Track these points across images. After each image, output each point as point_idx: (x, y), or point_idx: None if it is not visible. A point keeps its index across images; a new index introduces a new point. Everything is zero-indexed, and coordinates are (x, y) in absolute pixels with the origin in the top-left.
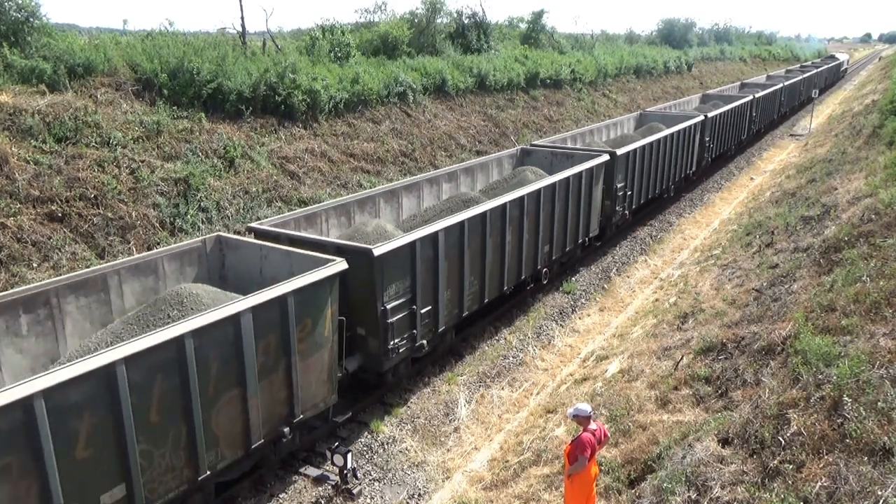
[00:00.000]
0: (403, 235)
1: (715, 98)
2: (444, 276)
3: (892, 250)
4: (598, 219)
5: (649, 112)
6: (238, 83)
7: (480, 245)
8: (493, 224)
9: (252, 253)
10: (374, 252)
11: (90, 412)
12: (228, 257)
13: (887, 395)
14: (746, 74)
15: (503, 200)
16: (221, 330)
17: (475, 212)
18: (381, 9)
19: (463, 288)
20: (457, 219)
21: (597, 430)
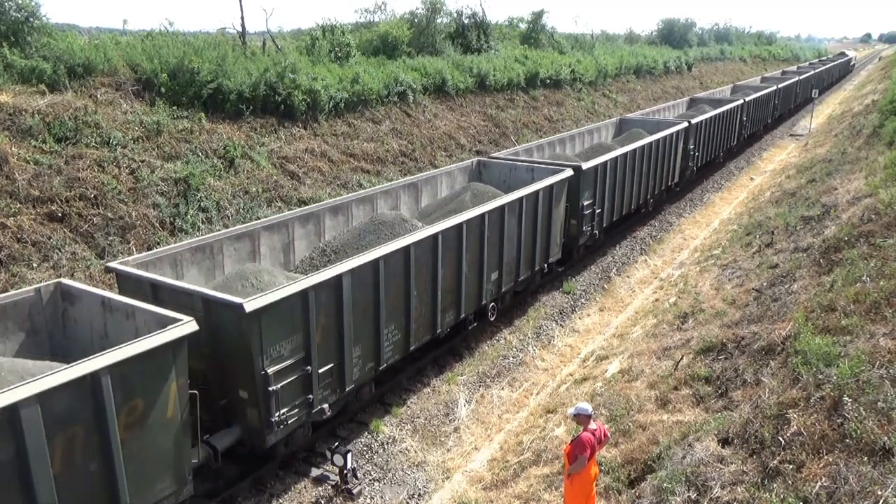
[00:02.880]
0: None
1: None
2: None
3: (892, 250)
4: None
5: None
6: (238, 83)
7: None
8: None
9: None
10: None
11: None
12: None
13: (887, 395)
14: (746, 74)
15: (636, 145)
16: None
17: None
18: (381, 9)
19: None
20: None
21: (597, 429)
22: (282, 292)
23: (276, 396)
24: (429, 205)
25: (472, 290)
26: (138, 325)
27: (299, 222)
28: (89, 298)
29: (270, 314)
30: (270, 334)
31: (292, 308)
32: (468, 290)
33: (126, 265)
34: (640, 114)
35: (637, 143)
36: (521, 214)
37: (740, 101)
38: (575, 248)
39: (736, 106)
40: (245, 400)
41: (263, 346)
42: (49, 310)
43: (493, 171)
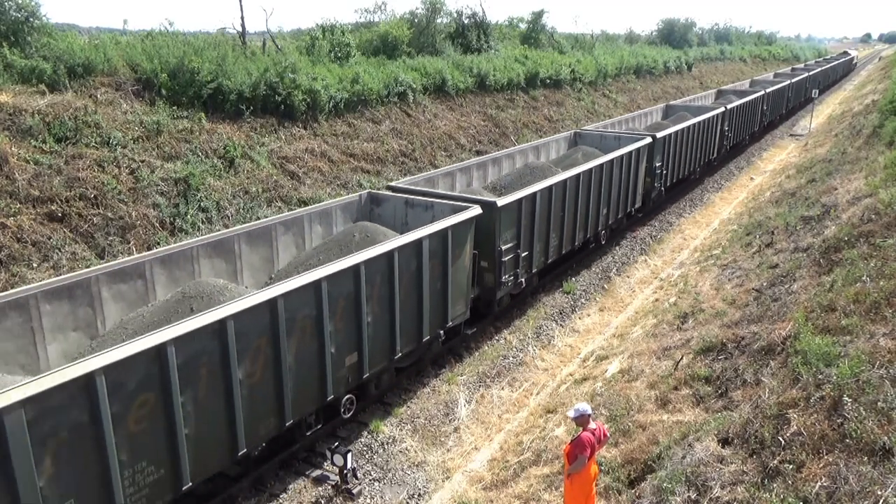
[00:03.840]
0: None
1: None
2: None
3: (892, 250)
4: (465, 297)
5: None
6: (238, 83)
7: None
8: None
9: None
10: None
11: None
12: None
13: (887, 395)
14: (746, 74)
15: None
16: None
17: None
18: (381, 9)
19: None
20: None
21: (596, 429)
22: (511, 197)
23: (504, 265)
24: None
25: (594, 218)
26: (435, 214)
27: (476, 167)
28: (393, 199)
29: (506, 210)
30: (504, 224)
31: (514, 209)
32: (591, 217)
33: (400, 183)
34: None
35: (691, 121)
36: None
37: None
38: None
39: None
40: (485, 268)
41: (500, 231)
42: (365, 209)
43: (586, 139)
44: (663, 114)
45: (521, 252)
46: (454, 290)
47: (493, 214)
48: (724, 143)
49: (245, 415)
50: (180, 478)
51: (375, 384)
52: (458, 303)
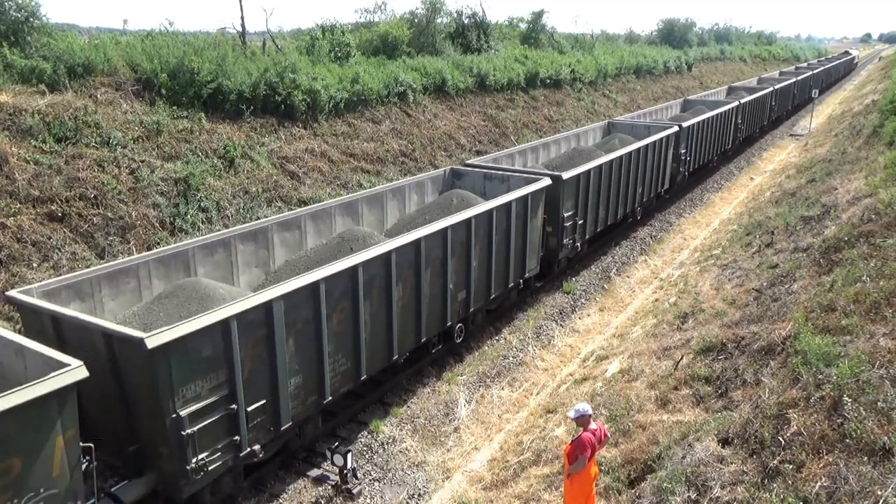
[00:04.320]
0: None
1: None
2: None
3: (892, 250)
4: (537, 255)
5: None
6: (238, 83)
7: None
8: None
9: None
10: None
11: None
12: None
13: (887, 395)
14: (746, 74)
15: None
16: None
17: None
18: (381, 9)
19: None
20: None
21: (597, 430)
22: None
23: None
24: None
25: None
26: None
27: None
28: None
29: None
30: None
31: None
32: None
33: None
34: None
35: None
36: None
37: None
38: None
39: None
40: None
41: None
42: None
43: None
44: (682, 107)
45: (578, 220)
46: (530, 247)
47: (559, 186)
48: (738, 135)
49: (397, 328)
50: (359, 371)
51: (472, 320)
52: (532, 258)
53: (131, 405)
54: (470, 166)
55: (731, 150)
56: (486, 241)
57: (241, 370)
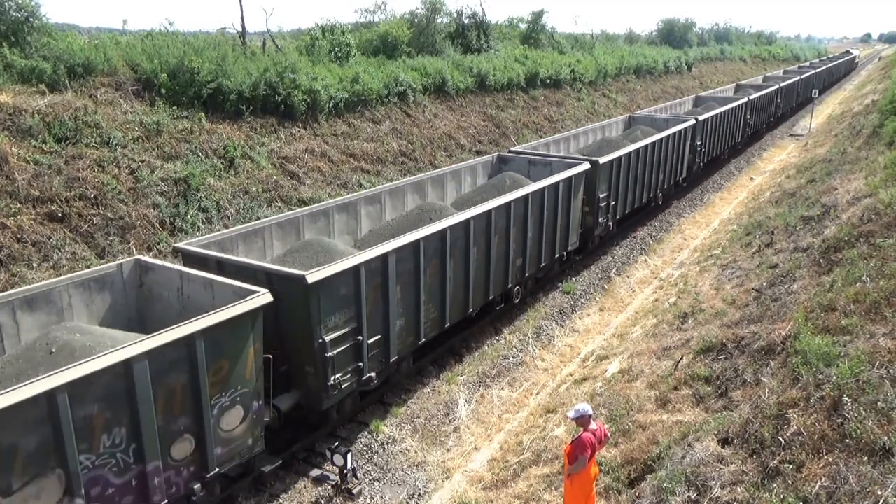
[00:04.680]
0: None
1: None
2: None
3: (892, 250)
4: (577, 231)
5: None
6: (238, 83)
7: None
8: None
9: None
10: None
11: None
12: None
13: (887, 395)
14: (746, 74)
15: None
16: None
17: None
18: (381, 9)
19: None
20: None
21: (597, 430)
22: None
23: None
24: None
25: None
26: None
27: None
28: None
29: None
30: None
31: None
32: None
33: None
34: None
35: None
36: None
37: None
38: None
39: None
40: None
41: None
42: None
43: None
44: (693, 103)
45: (610, 202)
46: (573, 223)
47: (596, 170)
48: (747, 130)
49: (472, 284)
50: (444, 319)
51: (525, 285)
52: (574, 233)
53: (285, 333)
54: (514, 153)
55: (740, 144)
56: (538, 215)
57: (366, 309)
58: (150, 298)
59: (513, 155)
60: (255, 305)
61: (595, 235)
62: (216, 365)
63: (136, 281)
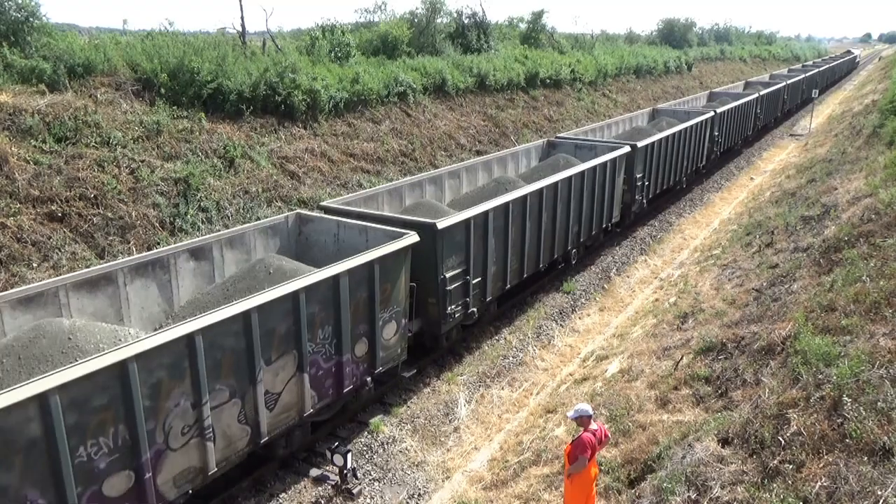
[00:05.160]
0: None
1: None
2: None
3: (892, 250)
4: (619, 206)
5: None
6: (238, 83)
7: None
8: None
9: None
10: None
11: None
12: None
13: (887, 395)
14: (746, 74)
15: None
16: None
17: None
18: (381, 9)
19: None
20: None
21: (597, 430)
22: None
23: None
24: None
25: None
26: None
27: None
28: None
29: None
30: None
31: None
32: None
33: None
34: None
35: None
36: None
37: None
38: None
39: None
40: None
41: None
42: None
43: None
44: (708, 98)
45: (645, 182)
46: (616, 199)
47: (635, 153)
48: (757, 123)
49: (544, 243)
50: (522, 271)
51: (578, 250)
52: (616, 208)
53: (413, 271)
54: (562, 138)
55: (751, 136)
56: (591, 189)
57: (472, 254)
58: (308, 244)
59: (560, 140)
60: (408, 242)
61: (632, 211)
62: (383, 286)
63: (297, 231)
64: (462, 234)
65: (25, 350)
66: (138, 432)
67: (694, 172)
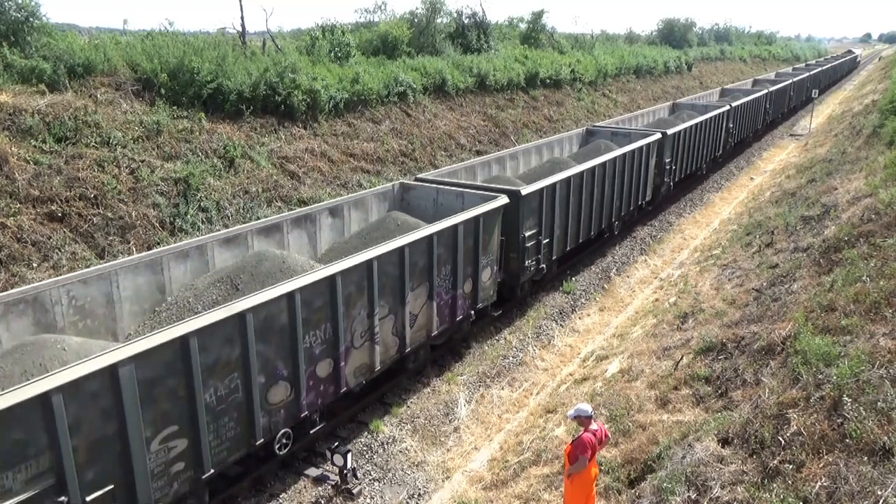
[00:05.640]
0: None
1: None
2: (554, 219)
3: (892, 250)
4: (651, 186)
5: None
6: (238, 83)
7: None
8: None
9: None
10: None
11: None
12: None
13: (887, 395)
14: (746, 74)
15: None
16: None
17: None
18: (381, 9)
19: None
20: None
21: (597, 430)
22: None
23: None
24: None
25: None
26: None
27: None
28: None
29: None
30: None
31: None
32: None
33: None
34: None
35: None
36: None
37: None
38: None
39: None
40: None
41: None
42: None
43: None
44: (720, 94)
45: (673, 167)
46: (648, 180)
47: (664, 140)
48: (766, 118)
49: (594, 213)
50: (578, 236)
51: (617, 225)
52: (649, 188)
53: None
54: (598, 126)
55: (761, 129)
56: (629, 170)
57: (544, 218)
58: (410, 208)
59: (597, 128)
60: (502, 203)
61: (661, 192)
62: (484, 237)
63: (401, 196)
64: (537, 200)
65: (255, 269)
66: (339, 330)
67: (712, 160)
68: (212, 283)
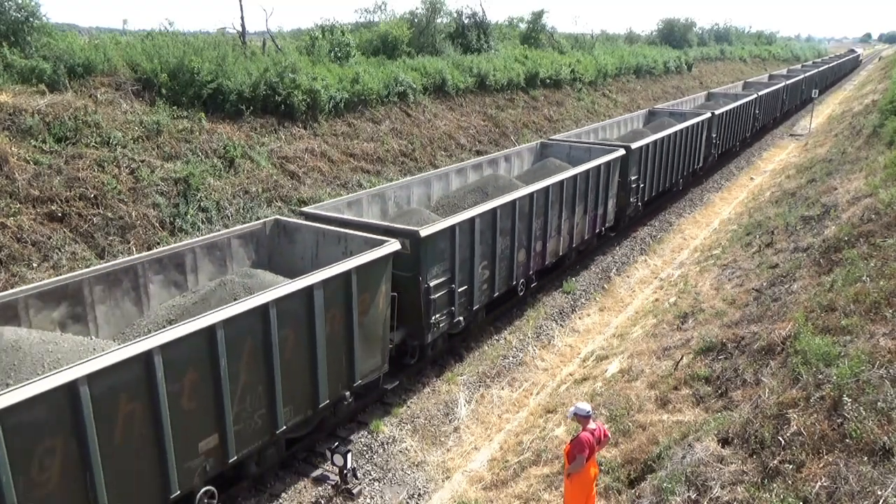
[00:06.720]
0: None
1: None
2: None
3: (892, 250)
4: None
5: (657, 109)
6: (238, 83)
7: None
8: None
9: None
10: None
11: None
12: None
13: (887, 395)
14: (746, 74)
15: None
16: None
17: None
18: (381, 9)
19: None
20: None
21: (596, 429)
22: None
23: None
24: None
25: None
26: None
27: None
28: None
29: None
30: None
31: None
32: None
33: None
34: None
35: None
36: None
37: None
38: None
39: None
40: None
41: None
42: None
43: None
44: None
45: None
46: (702, 149)
47: (713, 119)
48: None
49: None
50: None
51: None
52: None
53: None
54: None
55: (778, 118)
56: (691, 142)
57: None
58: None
59: (658, 109)
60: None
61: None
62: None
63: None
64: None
65: (495, 184)
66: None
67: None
68: (468, 192)
